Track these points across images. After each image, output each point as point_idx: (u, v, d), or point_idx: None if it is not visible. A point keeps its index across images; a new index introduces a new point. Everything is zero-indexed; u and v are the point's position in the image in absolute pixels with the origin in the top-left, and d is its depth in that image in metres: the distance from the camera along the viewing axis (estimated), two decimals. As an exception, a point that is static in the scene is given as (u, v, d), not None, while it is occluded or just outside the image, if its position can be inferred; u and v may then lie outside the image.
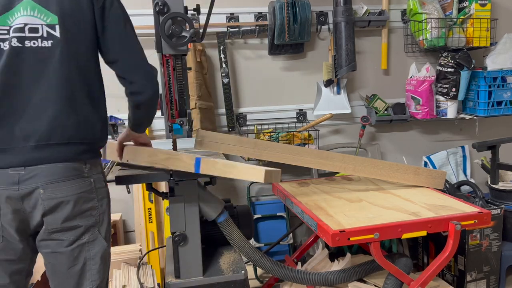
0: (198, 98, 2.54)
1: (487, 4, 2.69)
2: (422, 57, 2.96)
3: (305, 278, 1.84)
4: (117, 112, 2.59)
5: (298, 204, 1.90)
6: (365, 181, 2.27)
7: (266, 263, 1.84)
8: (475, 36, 2.71)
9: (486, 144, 2.50)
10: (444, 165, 3.00)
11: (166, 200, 2.27)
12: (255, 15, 2.73)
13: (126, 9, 1.45)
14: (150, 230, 2.58)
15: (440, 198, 1.94)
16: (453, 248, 1.70)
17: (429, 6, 2.70)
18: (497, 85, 2.73)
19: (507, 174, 2.60)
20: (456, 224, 1.67)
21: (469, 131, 3.08)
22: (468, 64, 2.68)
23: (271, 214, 2.79)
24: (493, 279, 2.37)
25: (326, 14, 2.79)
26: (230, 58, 2.75)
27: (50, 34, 1.30)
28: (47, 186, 1.29)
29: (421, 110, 2.77)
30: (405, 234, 1.65)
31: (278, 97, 2.85)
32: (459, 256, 2.33)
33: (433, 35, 2.67)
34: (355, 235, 1.58)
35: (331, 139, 2.95)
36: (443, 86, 2.75)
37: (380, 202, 1.90)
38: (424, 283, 1.70)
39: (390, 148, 3.03)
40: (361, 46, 2.88)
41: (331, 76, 2.77)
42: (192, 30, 1.66)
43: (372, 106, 2.85)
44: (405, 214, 1.73)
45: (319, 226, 1.66)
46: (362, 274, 1.89)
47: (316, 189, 2.14)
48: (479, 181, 2.95)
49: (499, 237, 2.35)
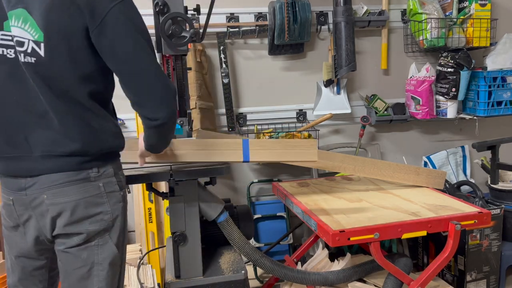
0: (198, 98, 2.55)
1: (487, 4, 2.69)
2: (422, 57, 2.96)
3: (305, 278, 1.84)
4: (117, 112, 2.58)
5: (298, 204, 1.90)
6: (365, 181, 2.27)
7: (266, 263, 1.83)
8: (475, 36, 2.71)
9: (486, 144, 2.50)
10: (444, 165, 3.00)
11: (166, 200, 2.27)
12: (255, 15, 2.73)
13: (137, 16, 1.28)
14: (150, 230, 2.58)
15: (440, 198, 1.94)
16: (453, 248, 1.70)
17: (429, 6, 2.70)
18: (497, 85, 2.73)
19: (507, 174, 2.60)
20: (456, 224, 1.67)
21: (469, 131, 3.08)
22: (468, 64, 2.68)
23: (271, 214, 2.79)
24: (493, 279, 2.37)
25: (326, 14, 2.79)
26: (230, 58, 2.75)
27: (34, 51, 1.21)
28: (49, 191, 1.26)
29: (421, 110, 2.77)
30: (405, 234, 1.65)
31: (278, 97, 2.85)
32: (459, 256, 2.33)
33: (433, 35, 2.67)
34: (355, 235, 1.58)
35: (331, 139, 2.95)
36: (443, 86, 2.75)
37: (380, 202, 1.90)
38: (424, 283, 1.70)
39: (390, 148, 3.03)
40: (361, 46, 2.88)
41: (331, 76, 2.77)
42: (192, 30, 1.66)
43: (372, 106, 2.85)
44: (405, 214, 1.73)
45: (319, 226, 1.66)
46: (362, 274, 1.89)
47: (316, 189, 2.14)
48: (479, 181, 2.95)
49: (499, 237, 2.35)
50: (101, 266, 1.33)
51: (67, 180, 1.27)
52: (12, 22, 1.21)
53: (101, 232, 1.33)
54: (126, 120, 2.62)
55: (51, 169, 1.27)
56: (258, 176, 2.90)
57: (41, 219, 1.29)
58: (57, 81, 1.23)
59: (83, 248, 1.31)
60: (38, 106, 1.25)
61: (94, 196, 1.30)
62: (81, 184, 1.28)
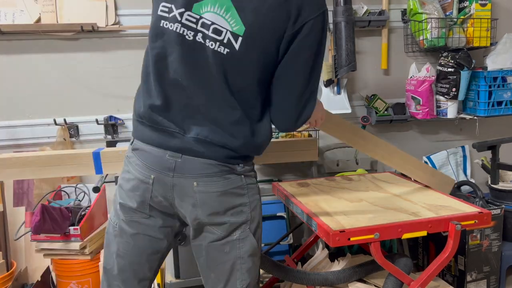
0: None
1: (487, 4, 2.69)
2: (422, 57, 2.96)
3: (305, 278, 1.84)
4: (117, 112, 2.59)
5: (298, 204, 1.89)
6: (365, 181, 2.26)
7: (266, 263, 1.83)
8: (475, 36, 2.70)
9: (486, 144, 2.50)
10: (444, 165, 3.00)
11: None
12: (255, 15, 2.72)
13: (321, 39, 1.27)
14: (150, 230, 2.57)
15: (440, 198, 1.94)
16: (453, 248, 1.70)
17: (429, 6, 2.70)
18: (497, 85, 2.72)
19: (507, 174, 2.60)
20: (456, 224, 1.67)
21: (469, 131, 3.08)
22: (468, 64, 2.68)
23: (271, 214, 2.79)
24: (493, 279, 2.37)
25: (326, 14, 2.78)
26: (230, 58, 2.75)
27: (231, 43, 1.21)
28: (201, 179, 1.28)
29: (421, 110, 2.77)
30: (405, 234, 1.65)
31: (278, 97, 2.84)
32: (459, 256, 2.33)
33: (433, 35, 2.66)
34: (355, 235, 1.58)
35: (331, 139, 2.94)
36: (443, 86, 2.75)
37: (380, 202, 1.90)
38: (424, 283, 1.70)
39: (390, 148, 3.02)
40: (361, 46, 2.87)
41: (331, 76, 2.77)
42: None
43: (372, 106, 2.85)
44: (405, 214, 1.73)
45: (319, 226, 1.66)
46: (362, 274, 1.89)
47: (316, 189, 2.14)
48: (479, 181, 2.95)
49: (499, 237, 2.35)
50: (243, 259, 1.35)
51: (216, 170, 1.30)
52: (209, 8, 1.21)
53: (243, 225, 1.34)
54: (126, 120, 2.61)
55: (203, 154, 1.29)
56: (258, 176, 2.89)
57: (181, 201, 1.33)
58: (239, 77, 1.24)
59: (225, 243, 1.33)
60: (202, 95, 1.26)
61: (238, 187, 1.33)
62: (227, 175, 1.31)
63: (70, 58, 2.57)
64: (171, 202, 1.34)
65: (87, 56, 2.58)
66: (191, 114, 1.28)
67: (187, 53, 1.24)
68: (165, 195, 1.33)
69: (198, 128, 1.28)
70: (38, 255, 2.23)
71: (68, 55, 2.57)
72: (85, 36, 2.54)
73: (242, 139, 1.30)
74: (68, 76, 2.58)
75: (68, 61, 2.57)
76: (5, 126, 2.53)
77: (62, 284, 2.20)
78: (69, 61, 2.57)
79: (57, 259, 2.18)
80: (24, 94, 2.55)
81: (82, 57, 2.56)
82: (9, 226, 2.35)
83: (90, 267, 2.17)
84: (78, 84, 2.57)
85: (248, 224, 1.35)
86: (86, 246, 2.11)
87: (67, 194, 2.50)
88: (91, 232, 2.19)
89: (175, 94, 1.28)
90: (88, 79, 2.60)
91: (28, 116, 2.57)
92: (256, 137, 1.33)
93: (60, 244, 2.10)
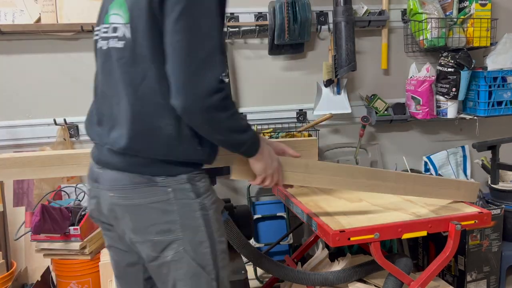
0: (198, 98, 2.54)
1: (487, 4, 2.69)
2: (422, 57, 2.96)
3: (305, 278, 1.84)
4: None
5: (298, 204, 1.89)
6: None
7: (266, 263, 1.83)
8: (475, 36, 2.70)
9: (486, 144, 2.50)
10: (444, 165, 3.00)
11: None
12: (255, 15, 2.72)
13: None
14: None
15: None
16: (453, 248, 1.70)
17: (429, 6, 2.70)
18: (497, 85, 2.72)
19: (507, 174, 2.60)
20: (456, 224, 1.67)
21: (469, 131, 3.08)
22: (468, 64, 2.68)
23: (271, 214, 2.79)
24: (493, 279, 2.37)
25: (326, 14, 2.78)
26: (230, 58, 2.75)
27: (124, 35, 1.16)
28: (116, 191, 1.20)
29: (421, 110, 2.77)
30: (405, 234, 1.65)
31: (278, 97, 2.84)
32: (459, 256, 2.33)
33: (433, 35, 2.66)
34: (355, 235, 1.58)
35: (331, 139, 2.95)
36: (443, 86, 2.75)
37: (380, 202, 1.90)
38: (424, 283, 1.70)
39: (390, 148, 3.02)
40: (361, 46, 2.87)
41: (331, 76, 2.77)
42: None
43: (372, 106, 2.85)
44: (405, 214, 1.73)
45: (319, 226, 1.66)
46: (362, 274, 1.89)
47: (316, 189, 2.14)
48: (479, 181, 2.94)
49: (499, 237, 2.35)
50: (184, 282, 1.22)
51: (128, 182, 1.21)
52: (114, 11, 1.21)
53: (172, 244, 1.19)
54: (126, 120, 2.61)
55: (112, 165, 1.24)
56: (258, 176, 2.89)
57: (109, 213, 1.28)
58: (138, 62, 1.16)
59: (160, 264, 1.21)
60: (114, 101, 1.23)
61: (162, 202, 1.18)
62: (145, 188, 1.18)
63: (70, 58, 2.57)
64: (105, 214, 1.27)
65: (87, 56, 2.58)
66: (112, 123, 1.23)
67: (104, 62, 1.26)
68: (98, 208, 1.28)
69: (115, 137, 1.20)
70: (38, 255, 2.23)
71: (68, 55, 2.57)
72: (85, 36, 2.54)
73: (147, 135, 1.17)
74: (68, 76, 2.57)
75: (68, 61, 2.57)
76: (5, 126, 2.53)
77: (62, 284, 2.21)
78: (69, 61, 2.57)
79: (57, 259, 2.18)
80: (24, 94, 2.55)
81: (82, 57, 2.56)
82: (9, 226, 2.35)
83: (90, 267, 2.17)
84: (78, 84, 2.57)
85: (180, 245, 1.19)
86: (86, 246, 2.11)
87: (67, 194, 2.49)
88: (91, 232, 2.19)
89: (104, 106, 1.28)
90: (88, 79, 2.57)
91: (28, 116, 2.57)
92: (163, 127, 1.16)
93: (60, 244, 2.10)
